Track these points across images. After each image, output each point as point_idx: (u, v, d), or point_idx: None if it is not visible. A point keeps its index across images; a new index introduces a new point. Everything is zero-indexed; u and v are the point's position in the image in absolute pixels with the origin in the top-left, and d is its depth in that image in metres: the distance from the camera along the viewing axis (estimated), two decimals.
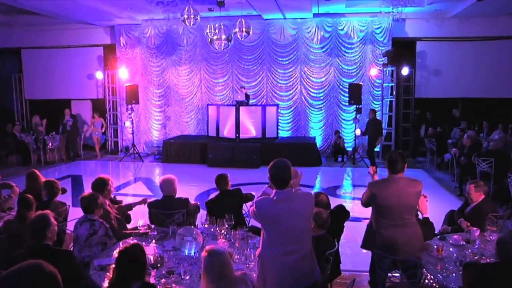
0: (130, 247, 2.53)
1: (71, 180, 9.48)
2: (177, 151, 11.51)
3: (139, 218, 3.98)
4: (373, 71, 11.86)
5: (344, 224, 4.03)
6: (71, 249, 3.57)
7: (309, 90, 12.45)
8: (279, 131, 12.25)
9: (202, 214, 3.87)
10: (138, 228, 3.71)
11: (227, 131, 11.71)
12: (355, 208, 7.06)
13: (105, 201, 3.81)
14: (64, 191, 4.99)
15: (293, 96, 12.56)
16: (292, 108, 12.61)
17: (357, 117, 11.43)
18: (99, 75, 13.20)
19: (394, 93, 11.96)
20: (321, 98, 12.42)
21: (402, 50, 11.75)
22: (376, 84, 12.12)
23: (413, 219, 3.41)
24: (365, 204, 3.70)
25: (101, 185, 4.06)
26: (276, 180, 2.84)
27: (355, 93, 11.09)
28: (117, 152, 13.26)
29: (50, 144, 11.72)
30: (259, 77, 12.64)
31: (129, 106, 12.25)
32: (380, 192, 3.45)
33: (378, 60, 11.93)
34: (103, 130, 12.69)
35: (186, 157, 11.45)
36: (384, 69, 11.77)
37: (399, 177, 3.43)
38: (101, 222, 3.44)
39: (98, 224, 3.40)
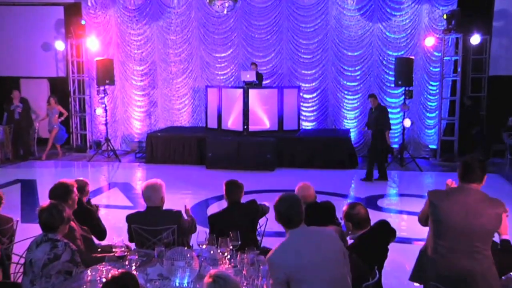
0: (120, 277, 2.55)
1: (21, 186, 9.58)
2: (166, 147, 11.59)
3: (114, 236, 4.00)
4: (430, 41, 11.72)
5: (388, 247, 4.00)
6: (20, 280, 3.60)
7: (342, 67, 12.40)
8: (300, 121, 12.27)
9: (199, 232, 3.86)
10: (113, 249, 3.71)
11: (232, 121, 11.74)
12: (403, 225, 7.00)
13: (71, 215, 3.83)
14: None
15: (320, 76, 12.53)
16: (319, 91, 12.59)
17: (406, 103, 11.34)
18: (59, 45, 13.24)
19: (459, 70, 11.79)
20: (358, 77, 12.36)
21: (472, 10, 11.52)
22: (434, 59, 12.00)
23: (487, 251, 3.31)
24: (422, 219, 3.65)
25: (63, 193, 4.04)
26: (286, 220, 3.11)
27: (404, 71, 10.98)
28: (85, 149, 13.41)
29: None
30: (274, 50, 12.62)
31: (101, 88, 12.36)
32: (442, 203, 3.38)
33: (437, 25, 11.79)
34: (60, 120, 12.44)
35: (177, 155, 11.52)
36: (446, 37, 11.60)
37: (473, 188, 3.35)
38: (66, 243, 3.42)
39: (62, 246, 3.38)
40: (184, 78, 13.15)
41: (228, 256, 3.66)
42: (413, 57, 11.41)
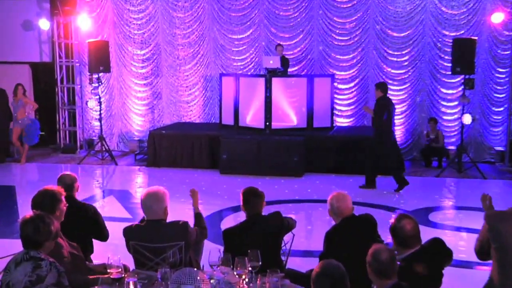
0: None
1: None
2: (171, 148, 11.66)
3: (109, 253, 4.02)
4: (498, 17, 11.54)
5: (443, 271, 3.95)
6: None
7: (385, 51, 12.31)
8: (334, 117, 12.23)
9: (210, 250, 3.87)
10: (108, 270, 3.74)
11: (252, 117, 11.76)
12: (461, 245, 6.90)
13: (59, 228, 3.86)
14: None
15: (359, 62, 12.49)
16: (357, 80, 12.53)
17: (466, 95, 11.19)
18: (43, 24, 13.41)
19: None
20: (405, 64, 12.27)
21: None
22: (503, 39, 11.84)
23: None
24: (480, 251, 3.66)
25: (49, 202, 4.06)
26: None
27: (463, 55, 10.82)
28: (75, 150, 13.60)
29: None
30: (303, 31, 12.60)
31: (94, 76, 12.50)
32: (506, 227, 3.36)
33: None
34: (29, 116, 12.28)
35: (185, 158, 11.58)
36: None
37: None
38: (51, 262, 3.44)
39: (47, 266, 3.39)
40: (193, 64, 13.22)
41: (246, 280, 3.65)
42: (475, 38, 11.25)
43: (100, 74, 12.56)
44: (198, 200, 4.74)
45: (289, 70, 12.08)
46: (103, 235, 4.91)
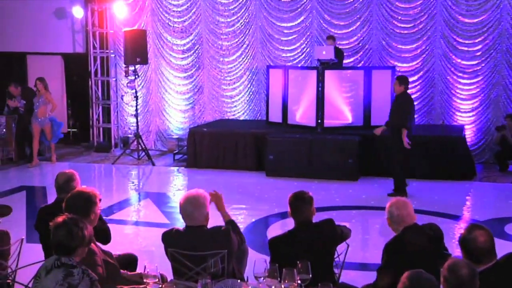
0: None
1: (26, 195, 9.93)
2: (213, 147, 11.74)
3: (145, 262, 4.07)
4: None
5: None
6: None
7: (455, 40, 12.08)
8: None
9: (255, 260, 3.86)
10: (144, 280, 3.78)
11: (302, 113, 11.75)
12: None
13: (92, 234, 3.92)
14: (5, 212, 5.26)
15: (424, 52, 12.31)
16: (421, 73, 12.37)
17: None
18: (77, 12, 13.72)
19: None
20: (478, 54, 12.01)
21: None
22: None
23: None
24: None
25: (83, 205, 4.13)
26: None
27: None
28: (109, 149, 13.85)
29: None
30: (360, 18, 12.49)
31: (131, 68, 12.69)
32: None
33: None
34: (49, 114, 12.26)
35: (228, 158, 11.65)
36: None
37: None
38: (84, 270, 3.49)
39: (79, 274, 3.43)
40: (238, 55, 13.28)
41: None
42: None
43: (137, 66, 12.74)
44: (224, 205, 4.69)
45: (344, 61, 11.98)
46: (106, 238, 4.93)
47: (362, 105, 11.48)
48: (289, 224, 4.55)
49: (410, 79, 12.26)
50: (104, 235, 4.80)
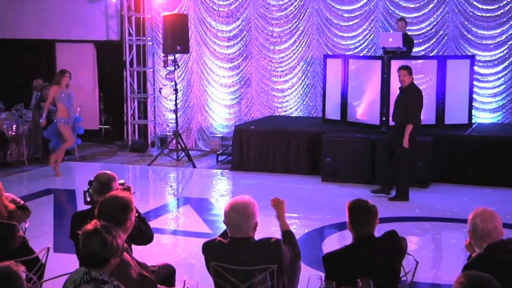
0: None
1: (54, 199, 10.06)
2: (262, 148, 11.76)
3: (184, 276, 4.08)
4: None
5: None
6: None
7: None
8: (474, 112, 11.94)
9: (309, 276, 3.83)
10: None
11: (364, 110, 11.69)
12: None
13: (125, 243, 3.94)
14: (20, 212, 5.36)
15: (510, 39, 12.10)
16: (506, 63, 12.19)
17: None
18: None
19: None
20: None
21: None
22: None
23: None
24: None
25: (119, 211, 4.17)
26: None
27: None
28: (145, 148, 14.02)
29: (10, 130, 12.36)
30: (433, 0, 12.31)
31: (170, 58, 12.80)
32: None
33: None
34: (78, 112, 12.19)
35: (279, 160, 11.65)
36: None
37: None
38: (116, 286, 3.54)
39: None
40: (291, 43, 13.26)
41: None
42: None
43: (177, 56, 12.85)
44: (285, 213, 4.68)
45: (414, 50, 11.86)
46: (146, 239, 5.02)
47: (435, 101, 11.34)
48: (348, 236, 4.49)
49: (492, 71, 12.13)
50: (145, 238, 4.94)
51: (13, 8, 14.81)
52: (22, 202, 5.63)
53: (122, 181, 5.25)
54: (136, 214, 4.46)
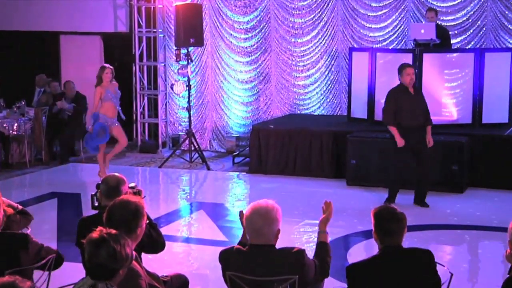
0: None
1: (58, 203, 10.07)
2: (282, 149, 11.74)
3: (198, 287, 4.09)
4: None
5: None
6: None
7: None
8: None
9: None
10: None
11: None
12: None
13: (132, 250, 3.95)
14: (19, 216, 5.37)
15: None
16: None
17: None
18: None
19: None
20: None
21: None
22: None
23: None
24: None
25: (130, 217, 4.16)
26: None
27: None
28: (155, 149, 13.98)
29: (11, 129, 12.38)
30: None
31: (183, 51, 12.80)
32: None
33: None
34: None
35: (300, 162, 11.63)
36: None
37: None
38: None
39: None
40: (314, 36, 13.23)
41: None
42: None
43: (190, 49, 12.87)
44: (328, 220, 4.70)
45: (449, 42, 11.79)
46: (157, 247, 5.04)
47: (471, 98, 11.29)
48: (375, 245, 4.47)
49: None
50: (156, 246, 4.96)
51: None
52: (20, 207, 5.63)
53: (132, 184, 5.24)
54: (147, 221, 4.46)
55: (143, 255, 4.88)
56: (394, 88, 9.63)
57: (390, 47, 12.60)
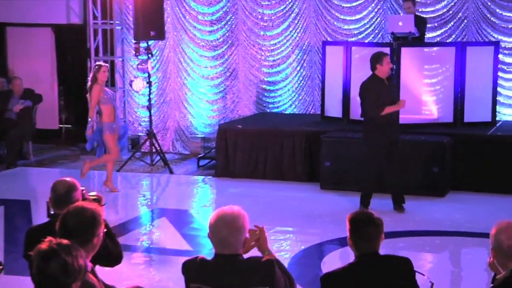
0: None
1: (4, 211, 9.93)
2: (251, 151, 11.74)
3: None
4: None
5: None
6: None
7: None
8: (498, 108, 11.99)
9: None
10: None
11: None
12: None
13: (87, 261, 3.93)
14: None
15: None
16: None
17: None
18: None
19: None
20: None
21: None
22: None
23: None
24: None
25: (87, 225, 4.12)
26: None
27: None
28: None
29: None
30: None
31: (143, 45, 12.72)
32: None
33: None
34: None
35: (270, 165, 11.64)
36: None
37: None
38: None
39: None
40: (284, 28, 13.27)
41: None
42: None
43: (151, 43, 12.82)
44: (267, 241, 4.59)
45: (428, 35, 11.94)
46: (113, 259, 4.98)
47: (453, 95, 11.41)
48: (351, 253, 4.48)
49: None
50: (112, 257, 4.88)
51: None
52: None
53: (93, 193, 5.12)
54: (105, 229, 4.41)
55: (100, 267, 4.84)
56: (368, 81, 9.50)
57: (366, 41, 12.66)
